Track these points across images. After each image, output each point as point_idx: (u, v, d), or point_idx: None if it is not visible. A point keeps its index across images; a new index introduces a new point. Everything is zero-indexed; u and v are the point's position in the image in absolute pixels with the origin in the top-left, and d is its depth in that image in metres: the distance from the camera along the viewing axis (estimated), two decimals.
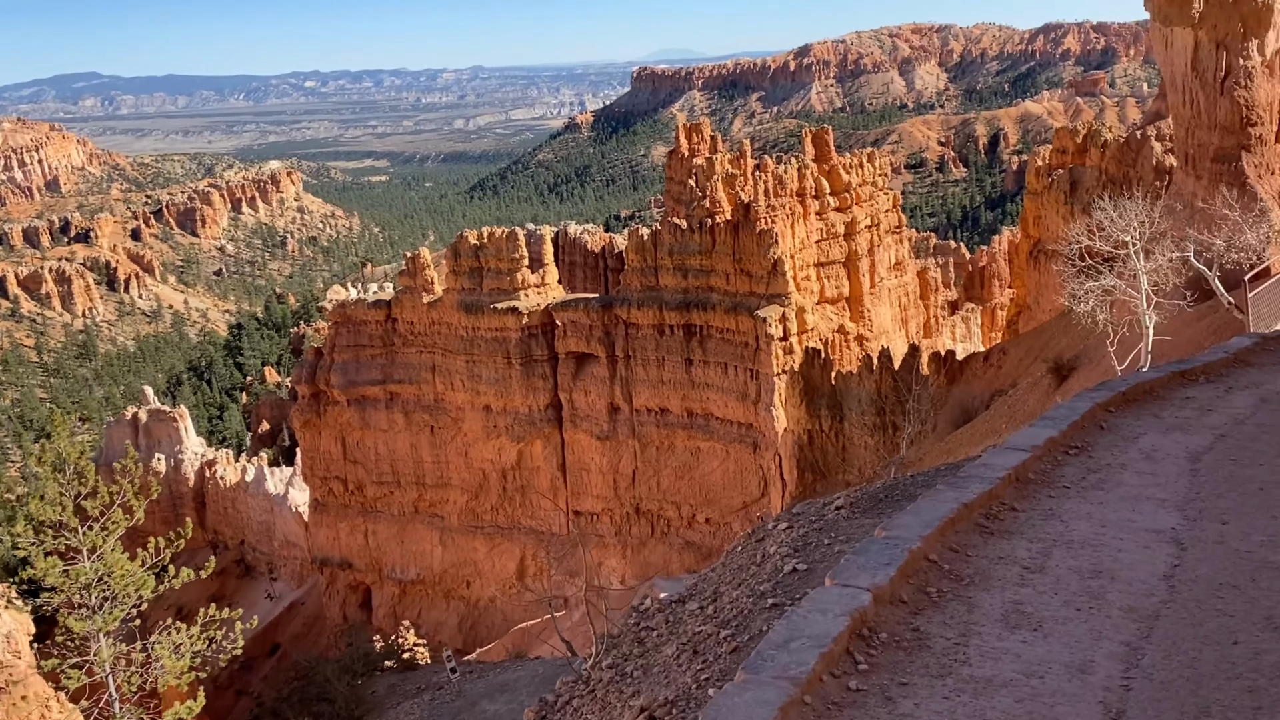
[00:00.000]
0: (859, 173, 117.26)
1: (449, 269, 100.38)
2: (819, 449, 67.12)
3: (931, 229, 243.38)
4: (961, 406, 48.55)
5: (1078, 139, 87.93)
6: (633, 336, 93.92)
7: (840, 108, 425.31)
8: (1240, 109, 40.89)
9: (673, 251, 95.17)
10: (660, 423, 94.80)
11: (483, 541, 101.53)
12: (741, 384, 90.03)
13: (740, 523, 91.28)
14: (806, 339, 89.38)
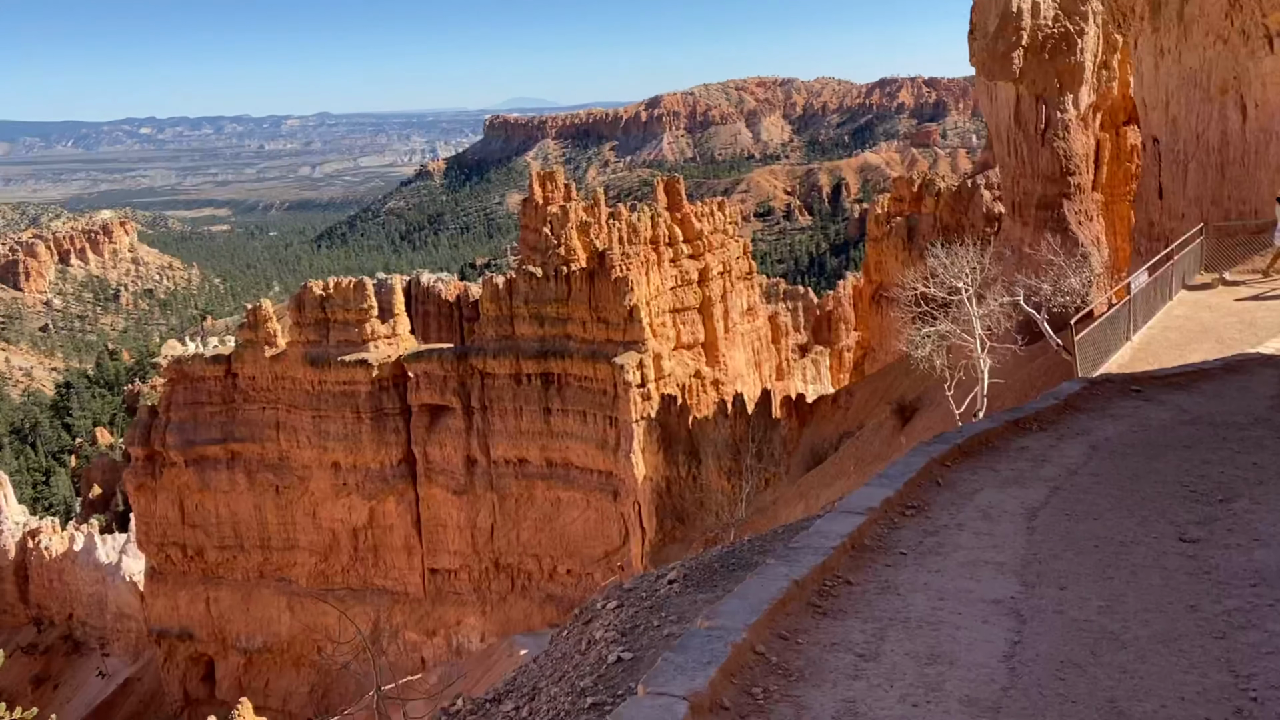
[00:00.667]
0: (710, 221, 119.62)
1: (293, 321, 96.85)
2: (677, 495, 67.13)
3: (781, 275, 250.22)
4: (812, 449, 49.33)
5: (914, 188, 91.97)
6: (489, 387, 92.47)
7: (691, 158, 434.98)
8: (1060, 159, 43.34)
9: (529, 300, 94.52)
10: (519, 474, 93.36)
11: (334, 604, 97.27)
12: (601, 432, 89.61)
13: (602, 572, 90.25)
14: (664, 385, 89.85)
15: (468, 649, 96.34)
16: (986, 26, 44.16)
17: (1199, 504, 7.61)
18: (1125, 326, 19.11)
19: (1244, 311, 20.71)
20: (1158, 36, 30.40)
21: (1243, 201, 27.62)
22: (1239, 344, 18.02)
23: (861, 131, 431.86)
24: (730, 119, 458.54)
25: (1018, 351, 22.63)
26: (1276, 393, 12.34)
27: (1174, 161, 30.00)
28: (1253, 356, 15.26)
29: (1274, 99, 25.75)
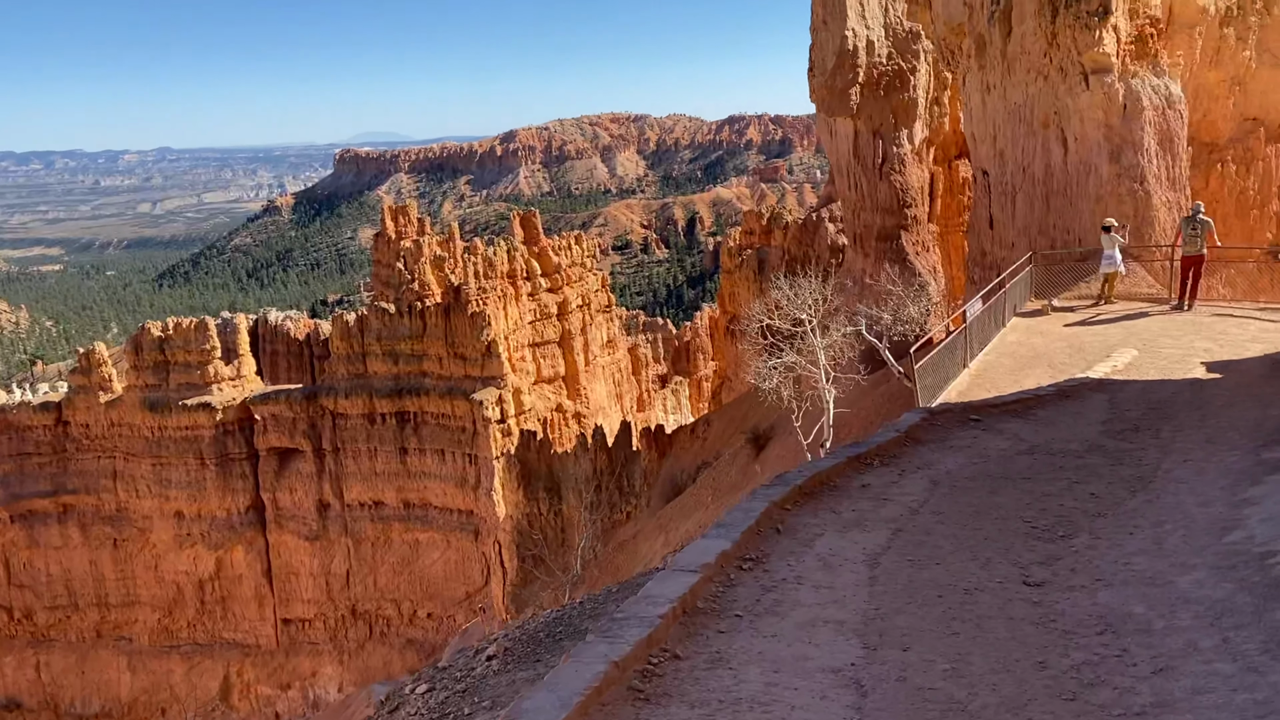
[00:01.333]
0: (568, 254, 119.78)
1: (130, 364, 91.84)
2: (539, 532, 66.09)
3: (640, 307, 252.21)
4: (672, 480, 49.29)
5: (763, 221, 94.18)
6: (341, 428, 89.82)
7: (548, 192, 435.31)
8: (897, 192, 44.85)
9: (381, 337, 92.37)
10: (375, 516, 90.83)
11: (179, 662, 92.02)
12: (460, 470, 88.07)
13: (464, 614, 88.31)
14: (525, 420, 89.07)
15: (325, 701, 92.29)
16: (825, 64, 45.55)
17: (1041, 541, 7.49)
18: (962, 354, 19.50)
19: (1072, 336, 21.50)
20: (984, 73, 31.72)
21: (1067, 231, 28.95)
22: (1069, 368, 18.61)
23: (713, 167, 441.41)
24: (586, 154, 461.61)
25: (860, 382, 22.94)
26: (1107, 418, 12.65)
27: (1003, 193, 31.27)
28: (1083, 381, 15.70)
29: (1092, 132, 27.13)
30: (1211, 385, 15.46)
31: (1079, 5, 26.49)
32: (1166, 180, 27.09)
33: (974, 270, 35.09)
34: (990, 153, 32.03)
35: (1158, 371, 17.25)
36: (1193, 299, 23.54)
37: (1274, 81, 36.80)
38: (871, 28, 45.59)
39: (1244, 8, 34.38)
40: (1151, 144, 26.83)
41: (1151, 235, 27.19)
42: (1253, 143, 37.51)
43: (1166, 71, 27.85)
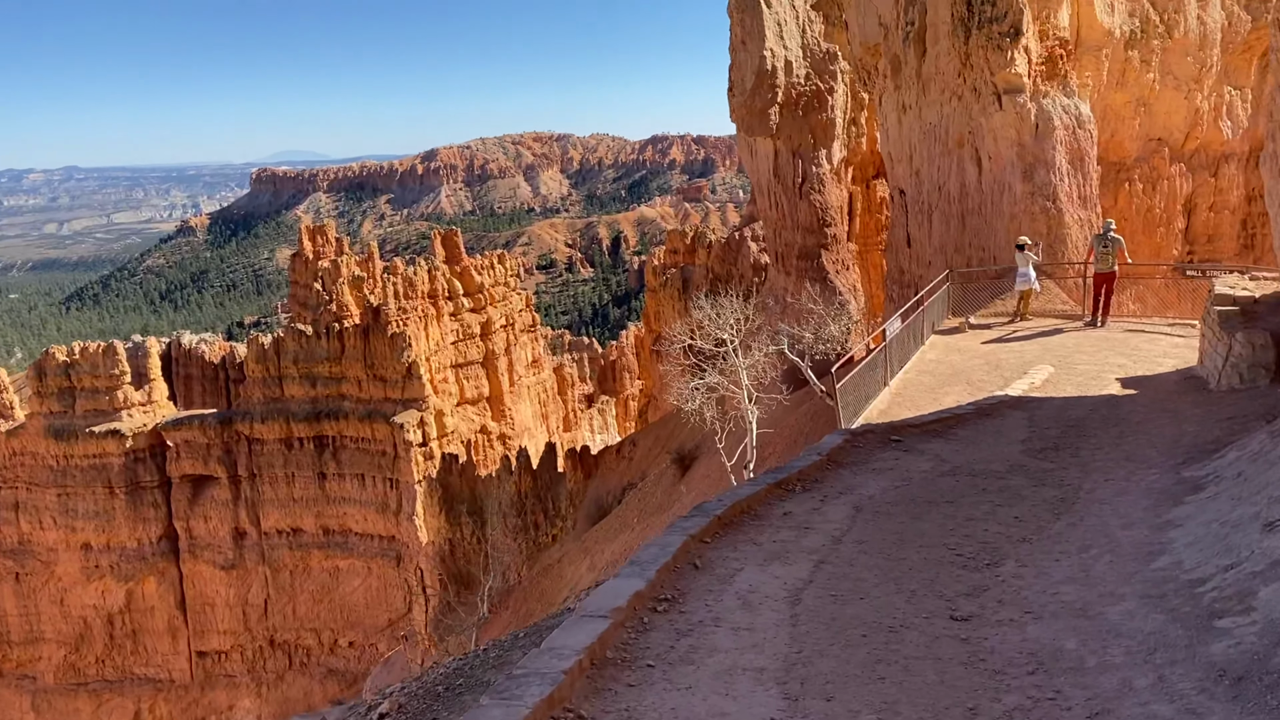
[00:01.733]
0: (491, 273, 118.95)
1: (34, 391, 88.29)
2: (462, 557, 64.93)
3: (565, 326, 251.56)
4: (597, 501, 48.77)
5: (687, 240, 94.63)
6: (258, 453, 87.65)
7: (471, 210, 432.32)
8: (817, 211, 45.20)
9: (298, 359, 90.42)
10: (294, 544, 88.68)
11: (87, 700, 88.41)
12: (381, 495, 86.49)
13: (387, 642, 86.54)
14: (447, 443, 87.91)
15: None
16: (744, 84, 45.83)
17: (966, 570, 7.25)
18: (883, 372, 19.48)
19: (989, 354, 21.63)
20: (899, 94, 32.08)
21: (982, 249, 29.33)
22: (987, 386, 18.68)
23: (637, 186, 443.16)
24: (509, 173, 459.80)
25: (783, 401, 22.80)
26: (1027, 436, 12.59)
27: (919, 212, 31.60)
28: (1002, 399, 15.71)
29: (1005, 152, 27.54)
30: (1127, 401, 15.58)
31: (991, 26, 26.93)
32: (1078, 198, 27.62)
33: (892, 288, 35.41)
34: (907, 172, 32.37)
35: (1074, 388, 17.37)
36: (1105, 315, 23.92)
37: (1176, 103, 37.97)
38: (789, 48, 46.02)
39: (1147, 31, 35.42)
40: (1063, 163, 27.34)
41: (1064, 253, 27.67)
42: (1158, 162, 38.62)
43: (1076, 92, 28.45)
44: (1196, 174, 40.32)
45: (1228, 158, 41.02)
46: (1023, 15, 26.90)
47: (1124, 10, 34.58)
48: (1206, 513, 7.18)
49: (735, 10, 46.02)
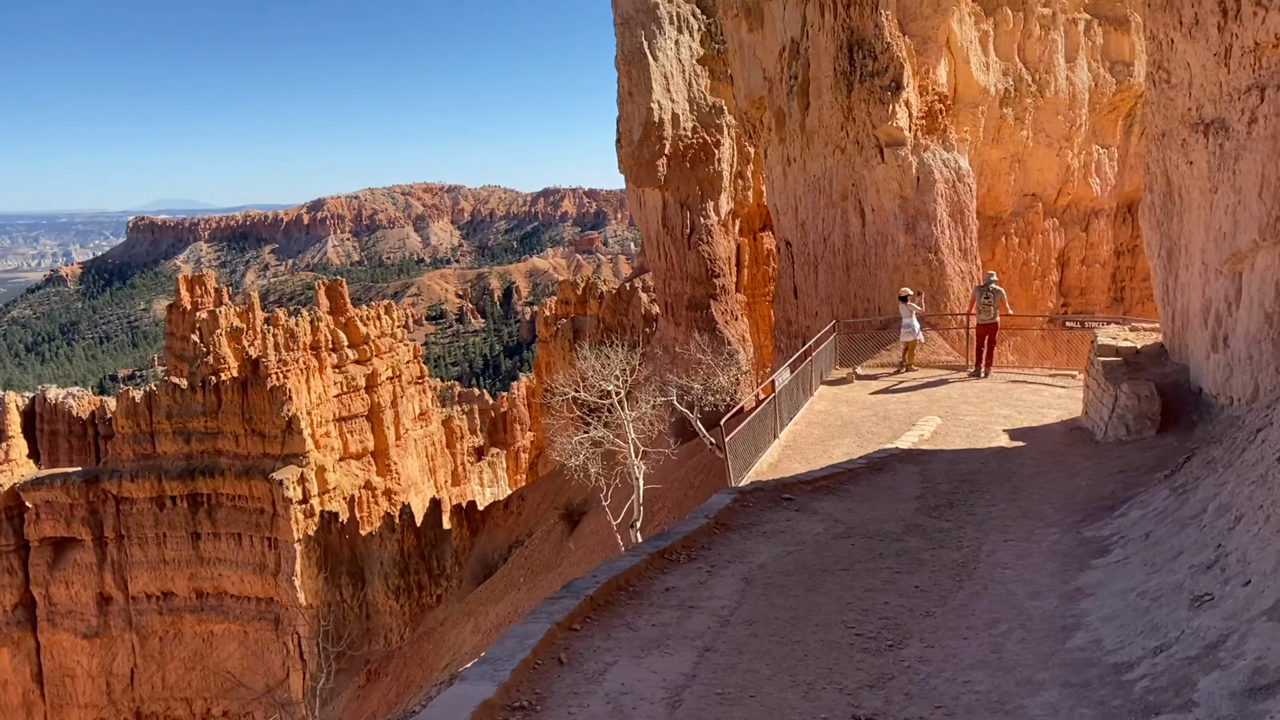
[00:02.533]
0: (377, 324, 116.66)
1: None
2: (342, 620, 62.05)
3: (456, 377, 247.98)
4: (483, 560, 47.12)
5: (578, 291, 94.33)
6: (126, 513, 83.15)
7: (358, 261, 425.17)
8: (705, 262, 45.12)
9: (172, 414, 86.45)
10: (164, 608, 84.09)
11: None
12: (259, 555, 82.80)
13: (264, 710, 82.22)
14: (329, 499, 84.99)
15: None
16: (632, 136, 45.77)
17: (868, 654, 6.51)
18: (773, 424, 18.99)
19: (877, 404, 21.37)
20: (784, 146, 32.19)
21: (867, 299, 29.39)
22: (877, 437, 18.32)
23: (529, 237, 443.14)
24: (398, 223, 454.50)
25: (671, 456, 22.07)
26: (920, 492, 12.09)
27: (805, 263, 31.59)
28: (893, 452, 15.27)
29: (888, 204, 27.72)
30: (1017, 454, 15.31)
31: (873, 80, 27.19)
32: (959, 250, 27.91)
33: (780, 339, 35.32)
34: (792, 223, 32.39)
35: (963, 440, 17.10)
36: (989, 366, 24.00)
37: (1048, 160, 39.19)
38: (676, 101, 46.19)
39: (1020, 90, 36.50)
40: (944, 215, 27.63)
41: (947, 304, 27.88)
42: (1032, 217, 39.71)
43: (955, 146, 28.90)
44: (1069, 229, 41.63)
45: (1097, 213, 42.52)
46: (903, 70, 27.25)
47: (998, 69, 35.59)
48: (1119, 580, 6.65)
49: (623, 63, 46.05)
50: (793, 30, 30.88)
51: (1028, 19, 36.42)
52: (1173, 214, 15.79)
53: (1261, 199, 11.93)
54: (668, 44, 46.50)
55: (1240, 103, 12.86)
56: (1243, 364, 12.93)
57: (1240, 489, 6.42)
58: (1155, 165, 16.24)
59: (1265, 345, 12.45)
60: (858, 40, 27.71)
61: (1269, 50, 12.67)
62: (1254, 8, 12.66)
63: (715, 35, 50.21)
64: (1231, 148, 12.96)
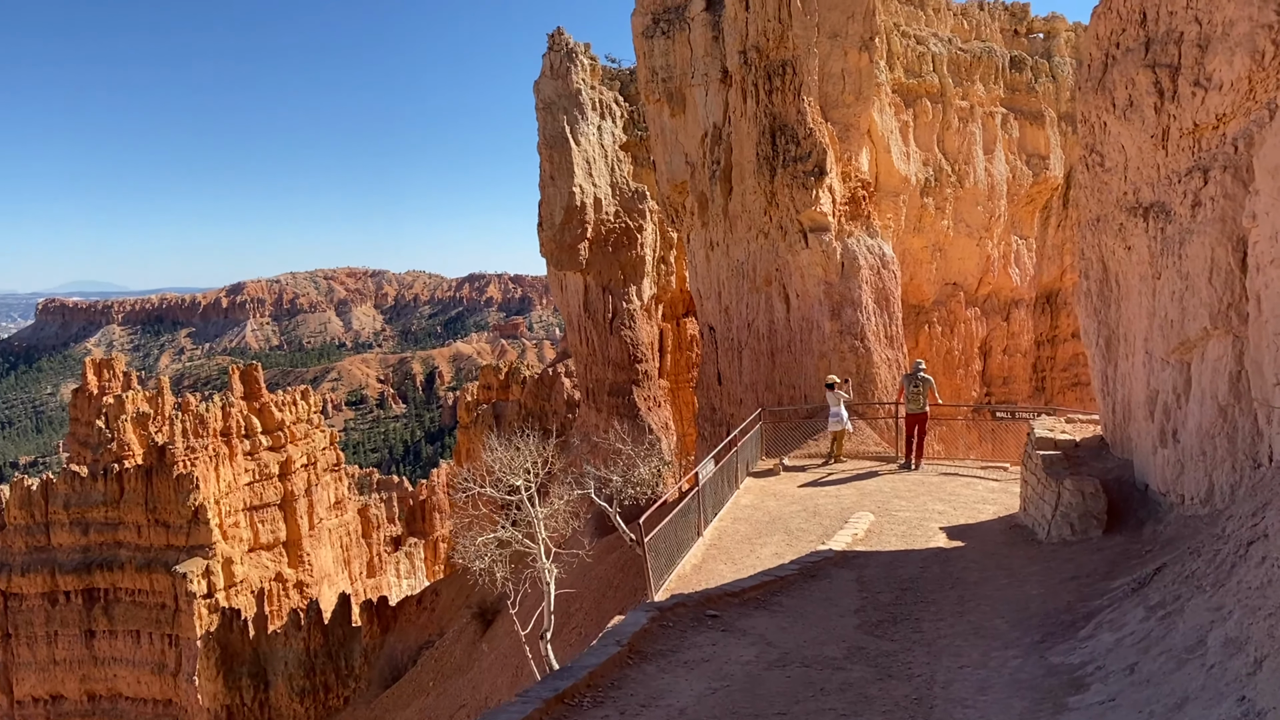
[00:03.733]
0: (293, 410, 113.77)
1: None
2: None
3: (375, 464, 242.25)
4: (392, 661, 44.45)
5: (500, 376, 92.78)
6: (15, 610, 78.45)
7: (278, 345, 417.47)
8: (628, 347, 44.11)
9: (69, 504, 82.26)
10: (53, 714, 79.11)
11: None
12: (158, 654, 78.31)
13: None
14: (236, 593, 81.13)
15: None
16: (553, 219, 45.04)
17: None
18: (696, 520, 17.74)
19: (806, 498, 20.27)
20: (707, 231, 31.57)
21: (793, 387, 28.53)
22: (807, 535, 17.17)
23: (453, 322, 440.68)
24: (320, 307, 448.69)
25: (585, 559, 20.57)
26: (860, 605, 10.90)
27: (729, 349, 30.74)
28: (826, 555, 14.09)
29: (812, 289, 27.06)
30: (957, 556, 14.25)
31: (796, 165, 26.75)
32: (885, 337, 27.30)
33: (704, 426, 34.23)
34: (716, 309, 31.61)
35: (899, 539, 16.02)
36: (919, 458, 23.14)
37: (969, 249, 39.30)
38: (599, 185, 45.70)
39: (940, 180, 36.65)
40: (869, 301, 27.06)
41: (874, 392, 27.14)
42: (954, 305, 39.64)
43: (879, 233, 28.53)
44: (990, 318, 41.68)
45: (1018, 303, 42.72)
46: (826, 155, 26.89)
47: (919, 159, 35.71)
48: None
49: (545, 147, 45.57)
50: (715, 116, 30.52)
51: (946, 111, 36.80)
52: (1110, 301, 15.18)
53: (1211, 284, 11.27)
54: (590, 129, 46.24)
55: (1182, 186, 12.32)
56: (1195, 460, 12.14)
57: (1253, 622, 5.36)
58: (1090, 251, 15.68)
59: (1219, 440, 11.68)
60: (780, 125, 27.35)
61: (1208, 131, 12.20)
62: (1192, 88, 12.21)
63: (638, 122, 50.16)
64: (1174, 232, 12.37)
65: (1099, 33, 15.19)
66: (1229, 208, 11.07)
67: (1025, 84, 40.73)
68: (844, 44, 27.73)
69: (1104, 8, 15.09)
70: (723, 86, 29.92)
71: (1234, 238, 11.06)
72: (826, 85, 27.85)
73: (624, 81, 52.67)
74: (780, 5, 27.20)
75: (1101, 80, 14.88)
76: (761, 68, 27.69)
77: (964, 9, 39.88)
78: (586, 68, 47.68)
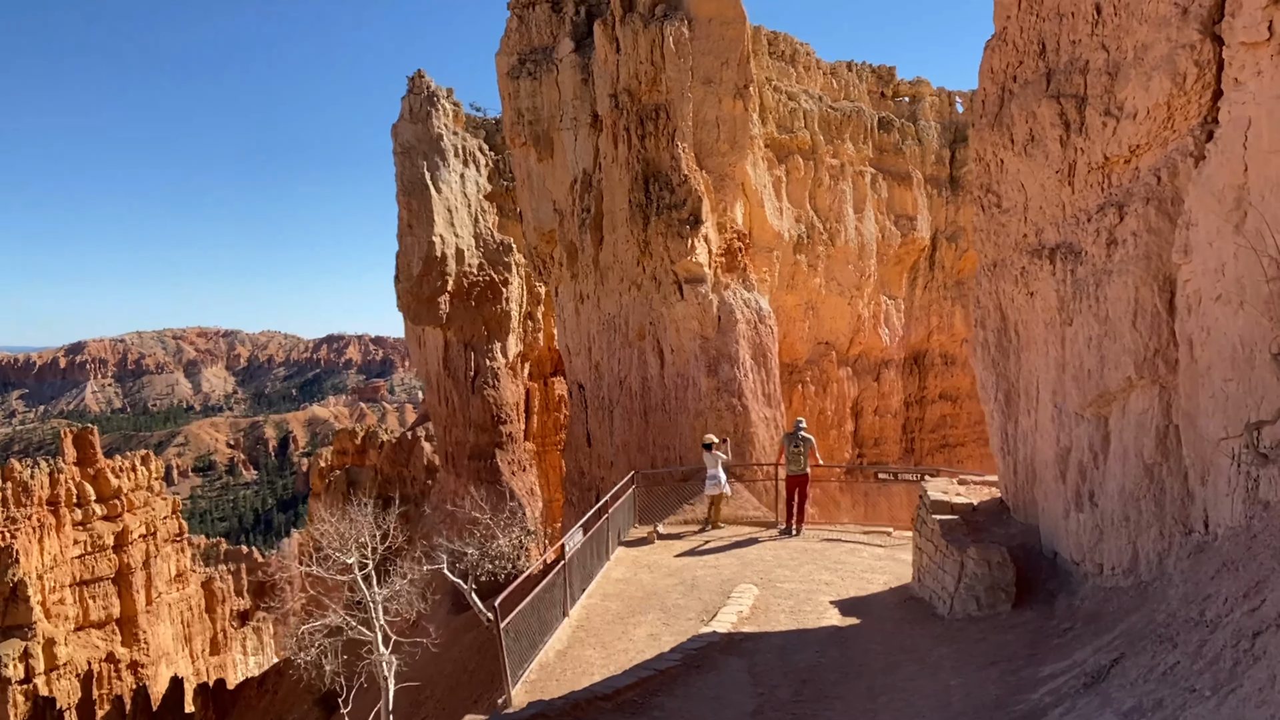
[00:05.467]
0: (132, 476, 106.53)
1: None
2: None
3: (224, 534, 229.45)
4: None
5: (357, 440, 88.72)
6: None
7: (120, 408, 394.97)
8: (491, 407, 41.84)
9: None
10: None
11: None
12: None
13: None
14: (60, 677, 74.10)
15: None
16: (411, 270, 42.66)
17: None
18: (562, 596, 15.73)
19: (683, 570, 18.52)
20: (576, 283, 29.94)
21: (667, 447, 26.91)
22: (686, 612, 15.39)
23: (310, 385, 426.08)
24: (167, 368, 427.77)
25: (431, 647, 18.17)
26: (755, 706, 9.15)
27: (600, 408, 28.98)
28: (711, 640, 12.31)
29: (688, 344, 25.63)
30: (855, 636, 12.66)
31: (671, 213, 25.45)
32: (763, 395, 26.02)
33: (572, 491, 32.23)
34: (586, 365, 29.87)
35: (788, 616, 14.36)
36: (800, 523, 21.72)
37: (840, 308, 38.81)
38: (461, 236, 43.66)
39: (812, 237, 36.08)
40: (747, 358, 25.78)
41: (752, 453, 25.73)
42: (826, 365, 38.97)
43: (755, 286, 27.41)
44: (862, 378, 41.21)
45: (887, 363, 42.44)
46: (702, 203, 25.70)
47: (791, 215, 35.08)
48: None
49: (403, 194, 43.28)
50: (585, 161, 29.10)
51: (818, 168, 36.42)
52: (1010, 352, 14.09)
53: (1136, 329, 10.12)
54: (452, 176, 44.28)
55: (1094, 224, 11.25)
56: (1116, 526, 10.91)
57: None
58: (987, 298, 14.61)
59: (1146, 503, 10.45)
60: (654, 172, 26.08)
61: (1120, 165, 11.22)
62: (1102, 119, 11.21)
63: (504, 172, 48.53)
64: (1087, 274, 11.27)
65: (993, 66, 14.33)
66: (1154, 244, 10.01)
67: (893, 145, 40.94)
68: (719, 91, 26.78)
69: (997, 40, 14.26)
70: (593, 131, 28.57)
71: (1160, 276, 9.98)
72: (701, 132, 26.79)
73: (489, 131, 51.08)
74: (653, 48, 26.10)
75: (998, 116, 13.96)
76: (634, 112, 26.45)
77: (833, 68, 39.92)
78: (449, 112, 45.85)
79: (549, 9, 31.29)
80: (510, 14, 32.11)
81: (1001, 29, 14.20)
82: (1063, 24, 12.53)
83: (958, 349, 46.46)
